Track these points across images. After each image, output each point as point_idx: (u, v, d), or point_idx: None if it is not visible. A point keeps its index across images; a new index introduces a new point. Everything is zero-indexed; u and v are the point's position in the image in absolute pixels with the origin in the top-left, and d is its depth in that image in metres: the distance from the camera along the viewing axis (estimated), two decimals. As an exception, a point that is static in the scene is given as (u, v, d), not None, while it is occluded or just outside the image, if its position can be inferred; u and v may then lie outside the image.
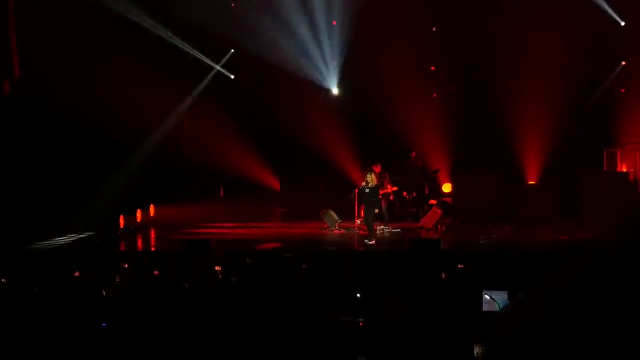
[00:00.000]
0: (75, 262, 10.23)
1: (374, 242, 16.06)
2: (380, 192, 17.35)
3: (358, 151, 21.66)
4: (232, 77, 22.80)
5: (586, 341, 2.29)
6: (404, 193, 19.71)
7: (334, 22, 21.75)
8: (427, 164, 21.06)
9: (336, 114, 22.23)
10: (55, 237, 15.97)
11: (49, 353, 5.72)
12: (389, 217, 18.22)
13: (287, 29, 20.81)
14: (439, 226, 18.15)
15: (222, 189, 24.06)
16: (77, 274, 8.94)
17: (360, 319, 6.10)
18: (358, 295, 7.42)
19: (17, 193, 17.17)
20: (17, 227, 15.68)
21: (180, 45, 20.82)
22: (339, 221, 18.48)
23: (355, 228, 18.30)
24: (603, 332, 2.28)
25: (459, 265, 9.72)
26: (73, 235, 16.55)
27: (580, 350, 2.30)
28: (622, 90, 21.22)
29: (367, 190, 16.41)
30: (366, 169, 18.01)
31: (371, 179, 16.41)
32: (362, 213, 17.20)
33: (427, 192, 20.24)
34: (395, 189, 18.55)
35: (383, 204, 17.85)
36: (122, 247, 16.25)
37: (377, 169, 17.87)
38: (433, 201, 19.27)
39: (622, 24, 20.48)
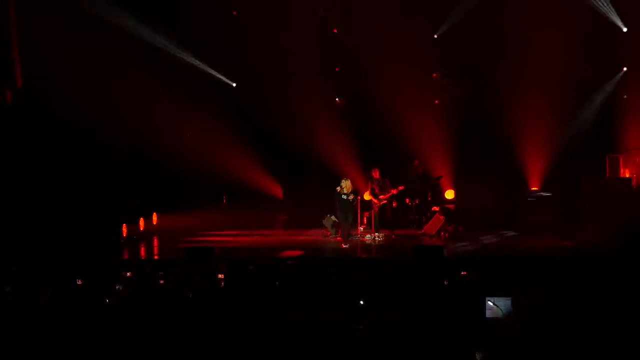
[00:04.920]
0: (79, 271, 10.23)
1: (347, 246, 16.66)
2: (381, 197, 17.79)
3: (360, 158, 21.64)
4: (234, 85, 22.87)
5: (587, 346, 2.29)
6: (407, 200, 19.70)
7: (335, 30, 21.82)
8: (429, 170, 21.03)
9: (339, 121, 22.28)
10: (59, 245, 15.97)
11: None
12: (381, 224, 18.32)
13: (287, 34, 20.84)
14: (442, 233, 18.15)
15: (225, 197, 24.06)
16: (79, 282, 8.94)
17: (363, 325, 6.10)
18: (361, 302, 7.43)
19: (20, 202, 17.20)
20: (21, 236, 15.70)
21: (182, 54, 20.87)
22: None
23: (358, 235, 18.30)
24: (604, 337, 2.28)
25: (462, 272, 9.72)
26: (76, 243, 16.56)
27: (581, 355, 2.30)
28: (625, 96, 21.23)
29: (343, 197, 16.82)
30: (366, 174, 18.32)
31: (346, 185, 16.67)
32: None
33: (429, 199, 20.21)
34: (385, 196, 18.52)
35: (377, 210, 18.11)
36: (125, 255, 16.25)
37: (376, 173, 18.11)
38: (436, 208, 19.23)
39: (624, 29, 20.53)
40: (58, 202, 17.60)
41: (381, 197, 18.02)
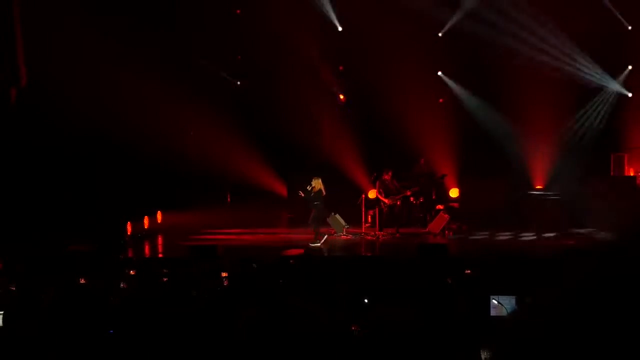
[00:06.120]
0: (82, 269, 10.24)
1: (319, 244, 16.80)
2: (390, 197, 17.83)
3: (365, 157, 21.66)
4: (239, 83, 22.89)
5: (592, 345, 2.28)
6: (411, 199, 19.70)
7: (340, 29, 21.82)
8: (433, 169, 21.04)
9: (343, 119, 22.29)
10: (62, 245, 16.00)
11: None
12: (389, 223, 18.37)
13: (292, 34, 20.84)
14: (446, 231, 18.16)
15: (229, 195, 24.08)
16: (82, 280, 8.95)
17: (367, 324, 6.09)
18: (365, 300, 7.42)
19: (24, 200, 17.24)
20: (25, 234, 15.73)
21: (186, 52, 20.89)
22: (346, 226, 18.50)
23: (363, 233, 18.34)
24: (609, 336, 2.27)
25: (467, 271, 9.72)
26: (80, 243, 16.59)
27: (587, 354, 2.29)
28: (630, 94, 21.21)
29: (312, 195, 17.06)
30: (373, 174, 18.34)
31: (316, 183, 16.82)
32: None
33: (434, 197, 20.22)
34: (385, 200, 18.47)
35: (385, 209, 18.15)
36: (130, 253, 16.28)
37: (387, 175, 18.18)
38: (440, 206, 19.24)
39: (629, 27, 20.50)
40: (61, 201, 17.64)
41: (391, 197, 18.11)
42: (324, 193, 17.28)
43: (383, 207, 18.25)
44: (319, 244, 16.76)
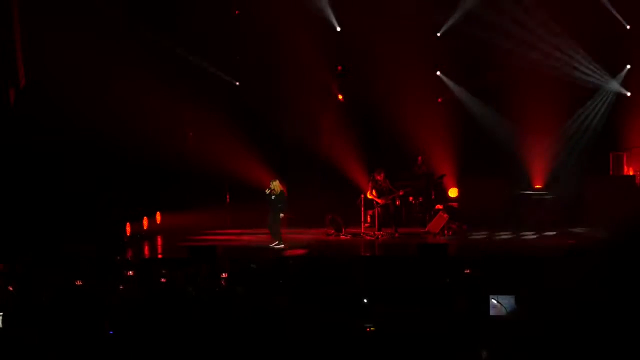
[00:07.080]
0: (81, 271, 10.23)
1: (282, 246, 16.78)
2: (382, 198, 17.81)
3: (364, 156, 21.61)
4: (237, 83, 22.86)
5: (590, 344, 2.28)
6: (410, 198, 19.66)
7: (338, 28, 21.80)
8: (432, 169, 20.99)
9: (342, 119, 22.26)
10: (62, 246, 15.98)
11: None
12: (385, 223, 18.31)
13: (291, 34, 20.82)
14: (446, 231, 18.12)
15: (228, 196, 24.03)
16: (79, 282, 8.92)
17: (368, 325, 6.09)
18: (365, 300, 7.42)
19: (23, 201, 17.22)
20: (24, 236, 15.71)
21: (185, 53, 20.87)
22: (345, 227, 18.50)
23: (362, 233, 18.31)
24: (606, 335, 2.27)
25: (466, 270, 9.71)
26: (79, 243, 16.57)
27: (585, 353, 2.29)
28: (628, 94, 21.20)
29: (273, 197, 17.02)
30: (370, 175, 18.28)
31: (275, 186, 16.90)
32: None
33: (433, 197, 20.17)
34: (378, 200, 18.38)
35: (379, 209, 18.08)
36: (129, 254, 16.26)
37: (379, 175, 18.06)
38: (439, 206, 19.19)
39: (628, 27, 20.49)
40: (60, 203, 17.61)
41: (383, 197, 18.02)
42: (286, 194, 17.27)
43: (376, 207, 18.17)
44: (282, 245, 16.76)
